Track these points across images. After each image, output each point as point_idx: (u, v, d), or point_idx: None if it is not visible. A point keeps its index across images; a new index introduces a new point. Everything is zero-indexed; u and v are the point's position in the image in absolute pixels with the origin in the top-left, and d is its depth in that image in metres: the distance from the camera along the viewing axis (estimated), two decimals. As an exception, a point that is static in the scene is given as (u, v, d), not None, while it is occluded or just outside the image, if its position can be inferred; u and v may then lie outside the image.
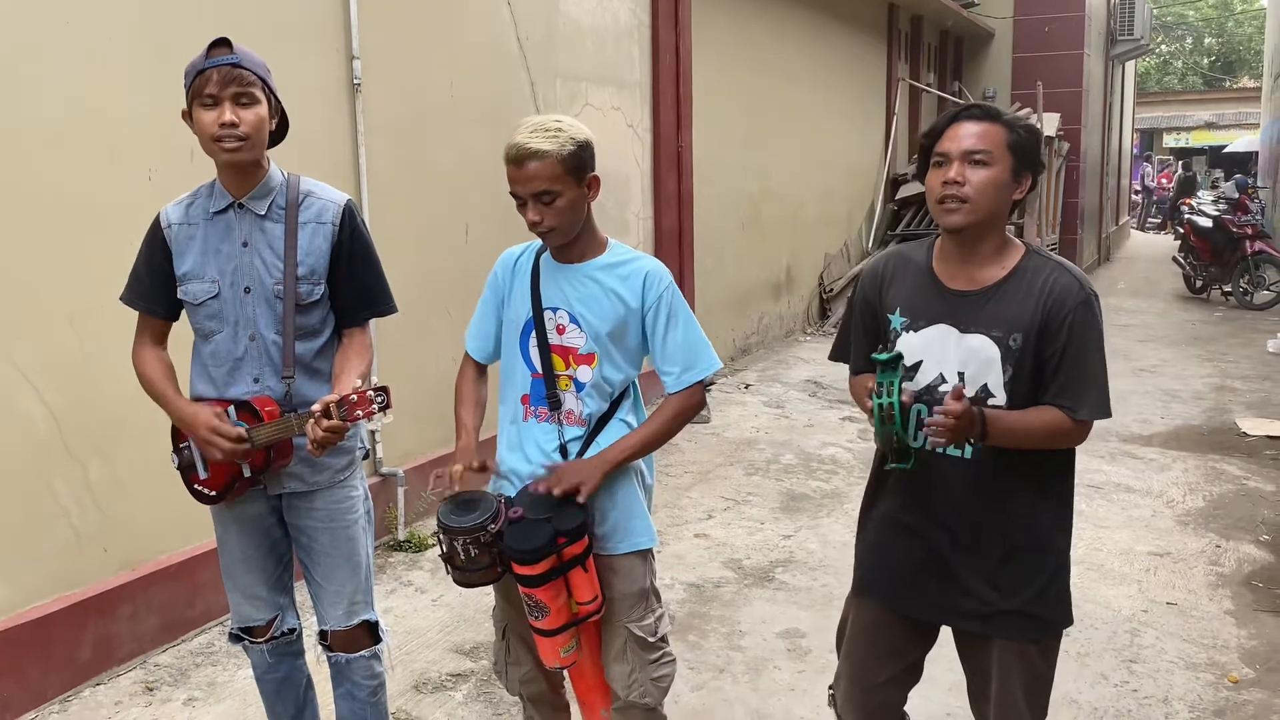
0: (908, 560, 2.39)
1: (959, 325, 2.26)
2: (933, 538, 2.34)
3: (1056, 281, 2.21)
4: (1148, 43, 20.45)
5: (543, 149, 2.35)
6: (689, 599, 4.47)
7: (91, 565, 3.77)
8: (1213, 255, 14.24)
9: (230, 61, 2.43)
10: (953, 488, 2.29)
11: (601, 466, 2.47)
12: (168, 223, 2.62)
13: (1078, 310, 2.19)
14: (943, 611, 2.38)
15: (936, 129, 2.25)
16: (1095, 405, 2.21)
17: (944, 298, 2.29)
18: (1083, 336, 2.19)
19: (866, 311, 2.45)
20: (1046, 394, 2.21)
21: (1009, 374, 2.21)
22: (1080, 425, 2.22)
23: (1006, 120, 2.21)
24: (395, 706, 3.49)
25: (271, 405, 2.55)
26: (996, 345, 2.21)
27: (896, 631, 2.47)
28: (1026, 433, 2.20)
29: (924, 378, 2.29)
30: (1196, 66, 40.08)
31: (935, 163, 2.23)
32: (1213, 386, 8.92)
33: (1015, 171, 2.20)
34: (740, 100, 9.45)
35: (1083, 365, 2.20)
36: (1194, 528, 5.37)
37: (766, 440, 7.10)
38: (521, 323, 2.58)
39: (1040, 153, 2.26)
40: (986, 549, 2.29)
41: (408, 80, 5.26)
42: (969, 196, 2.16)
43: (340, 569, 2.74)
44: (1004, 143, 2.18)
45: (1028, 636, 2.32)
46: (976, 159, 2.16)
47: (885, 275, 2.41)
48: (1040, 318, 2.18)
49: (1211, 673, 3.81)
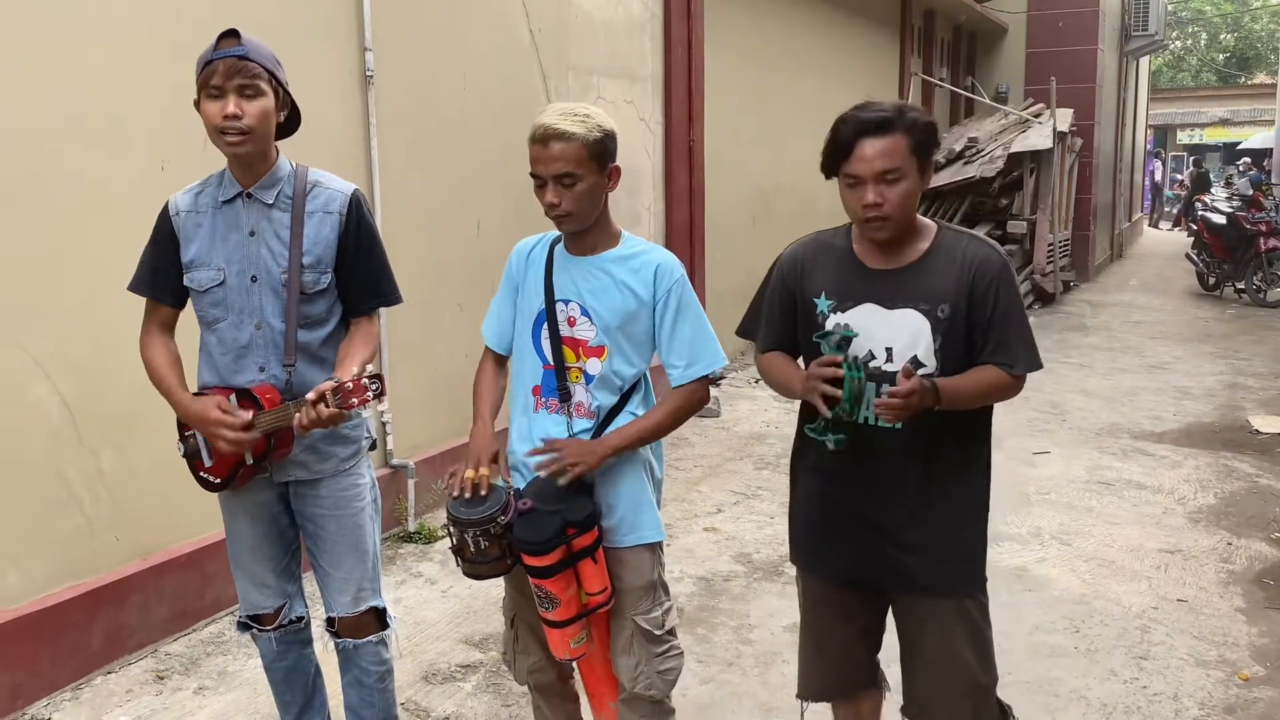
0: (843, 529, 2.47)
1: (884, 302, 2.36)
2: (865, 505, 2.43)
3: (976, 252, 2.33)
4: (1162, 38, 20.33)
5: (570, 131, 2.36)
6: (698, 592, 4.47)
7: (103, 554, 3.79)
8: (1226, 252, 14.17)
9: (237, 53, 2.44)
10: (885, 456, 2.38)
11: (600, 449, 2.47)
12: (175, 210, 2.64)
13: (1001, 275, 2.31)
14: (883, 573, 2.46)
15: (841, 147, 2.27)
16: (1028, 359, 2.34)
17: (867, 278, 2.39)
18: (1009, 300, 2.32)
19: (784, 295, 2.52)
20: (982, 354, 2.33)
21: (939, 342, 2.32)
22: (1017, 379, 2.35)
23: (905, 124, 2.25)
24: (404, 697, 3.50)
25: (272, 393, 2.55)
26: (925, 317, 2.32)
27: (842, 597, 2.56)
28: (972, 393, 2.32)
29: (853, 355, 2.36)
30: (1211, 63, 39.85)
31: (849, 183, 2.29)
32: (1225, 384, 8.88)
33: (921, 170, 2.30)
34: (752, 93, 9.43)
35: (1012, 325, 2.32)
36: (1205, 525, 5.35)
37: (776, 435, 7.10)
38: (534, 314, 2.59)
39: (935, 137, 2.35)
40: (919, 512, 2.39)
41: (420, 73, 5.27)
42: (891, 214, 2.26)
43: (347, 556, 2.75)
44: (908, 150, 2.25)
45: (964, 592, 2.42)
46: (890, 178, 2.24)
47: (805, 262, 2.49)
48: (967, 287, 2.30)
49: (1222, 670, 3.80)
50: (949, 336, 2.31)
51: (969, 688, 2.43)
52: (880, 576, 2.47)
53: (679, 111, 7.97)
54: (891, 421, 2.25)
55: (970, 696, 2.44)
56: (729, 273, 8.96)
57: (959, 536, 2.41)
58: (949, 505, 2.40)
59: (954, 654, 2.42)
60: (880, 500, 2.41)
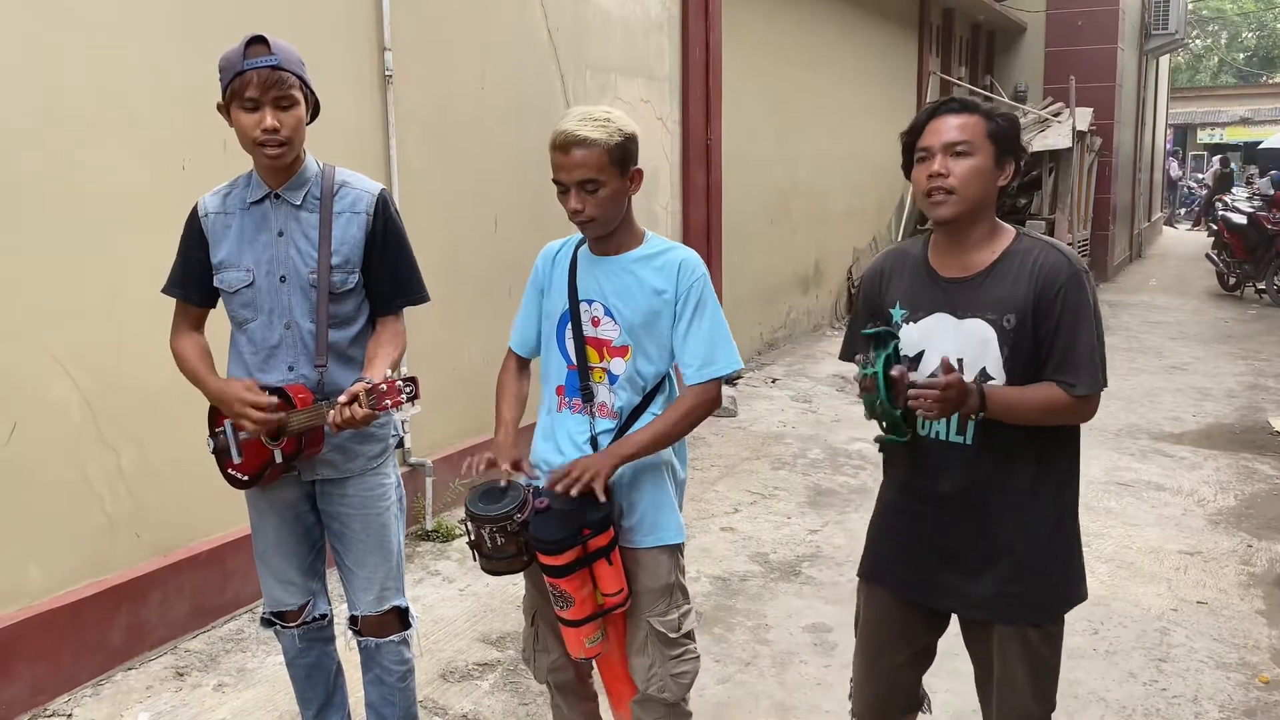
0: (912, 546, 2.43)
1: (955, 312, 2.30)
2: (935, 523, 2.37)
3: (1046, 260, 2.24)
4: (1183, 37, 20.18)
5: (591, 137, 2.35)
6: (715, 592, 4.47)
7: (124, 551, 3.81)
8: (1246, 252, 14.07)
9: (270, 63, 2.43)
10: (954, 473, 2.32)
11: (611, 460, 2.45)
12: (204, 212, 2.66)
13: (1068, 286, 2.20)
14: (947, 597, 2.41)
15: (917, 125, 2.30)
16: (1089, 380, 2.21)
17: (939, 287, 2.34)
18: (1074, 312, 2.21)
19: (871, 310, 2.48)
20: (1045, 370, 2.24)
21: (1006, 354, 2.25)
22: (1080, 401, 2.22)
23: (985, 110, 2.25)
24: (422, 695, 3.51)
25: (305, 393, 2.57)
26: (991, 327, 2.25)
27: (906, 617, 2.50)
28: (1024, 407, 2.22)
29: (927, 367, 2.32)
30: (1231, 64, 39.52)
31: (919, 158, 2.28)
32: (1245, 385, 8.82)
33: (998, 159, 2.25)
34: (770, 93, 9.41)
35: (1075, 340, 2.21)
36: (1225, 527, 5.32)
37: (793, 435, 7.09)
38: (558, 314, 2.59)
39: (1021, 139, 2.31)
40: (987, 534, 2.32)
41: (439, 72, 5.28)
42: (955, 187, 2.21)
43: (371, 555, 2.76)
44: (984, 132, 2.23)
45: (1026, 619, 2.34)
46: (959, 150, 2.22)
47: (884, 273, 2.46)
48: (1033, 297, 2.21)
49: (1242, 673, 3.78)
50: (1016, 348, 2.23)
51: (1020, 717, 2.38)
52: (943, 600, 2.42)
53: (696, 111, 7.96)
54: (931, 417, 2.18)
55: None
56: (747, 274, 8.96)
57: (1034, 561, 2.32)
58: (1026, 527, 2.31)
59: (1013, 683, 2.36)
60: (949, 517, 2.34)
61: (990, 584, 2.33)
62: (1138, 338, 11.15)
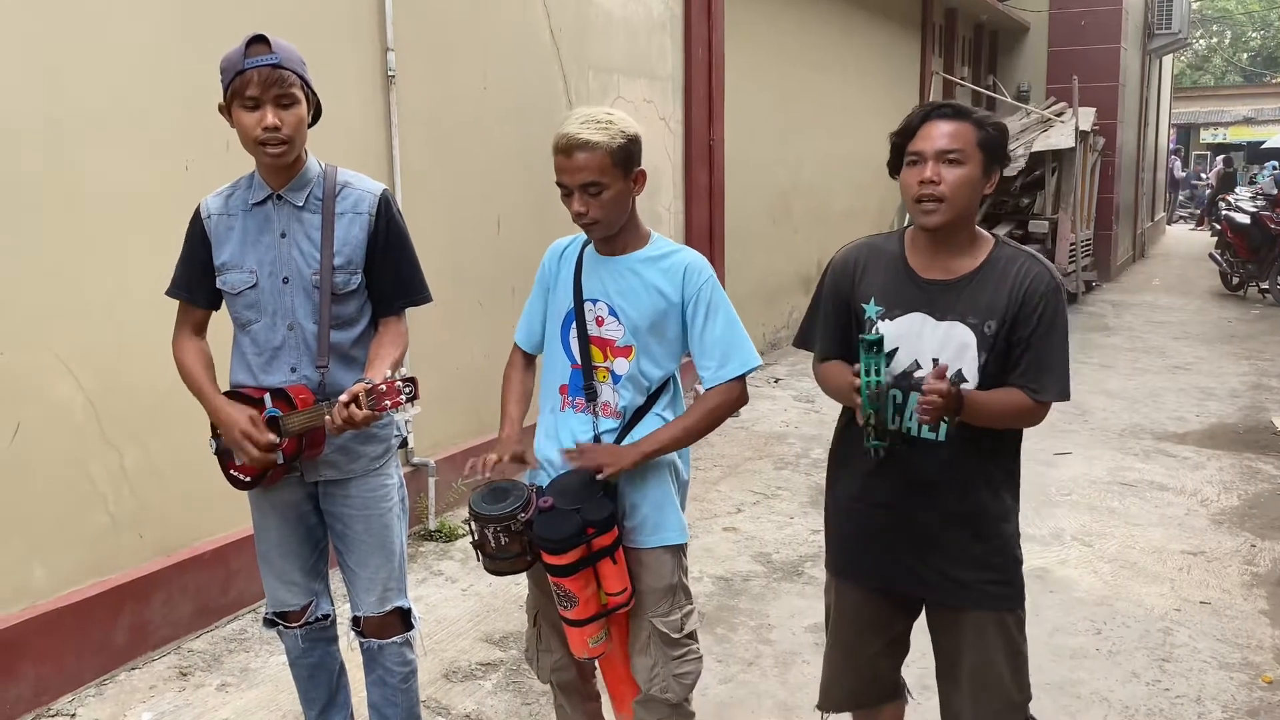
0: (884, 539, 2.46)
1: (934, 313, 2.33)
2: (909, 516, 2.41)
3: (1029, 270, 2.29)
4: (1186, 36, 20.16)
5: (593, 140, 2.35)
6: (718, 592, 4.47)
7: (127, 551, 3.81)
8: (1250, 252, 14.05)
9: (271, 62, 2.44)
10: (928, 468, 2.37)
11: (634, 454, 2.46)
12: (207, 213, 2.66)
13: (1049, 297, 2.27)
14: (923, 585, 2.45)
15: (909, 127, 2.31)
16: (1057, 389, 2.29)
17: (918, 287, 2.36)
18: (1051, 323, 2.27)
19: (836, 301, 2.49)
20: (1011, 376, 2.30)
21: (983, 359, 2.29)
22: (1040, 406, 2.31)
23: (976, 119, 2.27)
24: (425, 695, 3.51)
25: (306, 394, 2.57)
26: (972, 331, 2.29)
27: (878, 605, 2.55)
28: (991, 410, 2.28)
29: (899, 364, 2.36)
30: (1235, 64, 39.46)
31: (909, 161, 2.29)
32: (1249, 384, 8.81)
33: (985, 168, 2.27)
34: (772, 93, 9.41)
35: (1049, 350, 2.28)
36: (1229, 527, 5.31)
37: (796, 435, 7.09)
38: (563, 313, 2.59)
39: (1007, 148, 2.34)
40: (959, 524, 2.38)
41: (442, 72, 5.28)
42: (945, 195, 2.23)
43: (374, 556, 2.76)
44: (975, 141, 2.24)
45: (1004, 606, 2.41)
46: (950, 158, 2.23)
47: (858, 265, 2.47)
48: (1015, 304, 2.26)
49: (1245, 673, 3.77)
50: (994, 353, 2.28)
51: (1004, 705, 2.41)
52: (920, 587, 2.45)
53: (699, 111, 7.96)
54: (928, 421, 2.23)
55: (1005, 715, 2.41)
56: (749, 274, 8.96)
57: (1001, 549, 2.40)
58: (991, 518, 2.38)
59: (991, 670, 2.39)
60: (923, 510, 2.39)
61: (968, 571, 2.38)
62: (1141, 337, 11.14)
